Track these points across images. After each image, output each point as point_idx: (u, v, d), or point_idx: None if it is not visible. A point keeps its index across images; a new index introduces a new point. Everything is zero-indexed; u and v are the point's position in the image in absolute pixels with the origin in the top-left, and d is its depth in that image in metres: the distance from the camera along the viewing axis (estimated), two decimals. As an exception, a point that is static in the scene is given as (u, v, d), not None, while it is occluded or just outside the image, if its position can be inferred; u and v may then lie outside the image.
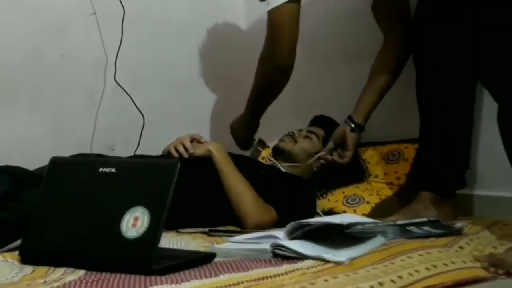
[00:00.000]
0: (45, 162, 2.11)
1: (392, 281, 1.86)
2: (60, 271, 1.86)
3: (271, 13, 2.79)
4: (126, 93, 3.29)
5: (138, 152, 3.20)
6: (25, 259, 1.98)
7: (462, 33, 2.53)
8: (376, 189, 2.99)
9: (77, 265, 1.88)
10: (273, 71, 2.90)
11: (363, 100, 2.98)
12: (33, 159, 2.45)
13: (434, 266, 1.99)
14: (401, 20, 2.92)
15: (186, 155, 2.74)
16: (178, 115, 3.54)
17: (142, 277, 1.75)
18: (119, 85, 3.28)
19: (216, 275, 1.82)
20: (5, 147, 2.93)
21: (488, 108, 2.78)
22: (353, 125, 2.97)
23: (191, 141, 2.80)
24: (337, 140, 3.02)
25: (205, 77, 3.68)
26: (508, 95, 2.38)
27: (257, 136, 3.34)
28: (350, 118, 2.98)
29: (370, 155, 3.16)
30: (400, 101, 3.12)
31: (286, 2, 2.75)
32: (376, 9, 2.98)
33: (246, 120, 3.18)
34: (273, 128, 3.17)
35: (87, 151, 3.17)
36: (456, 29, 2.56)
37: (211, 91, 3.71)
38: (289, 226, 2.15)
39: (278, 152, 3.07)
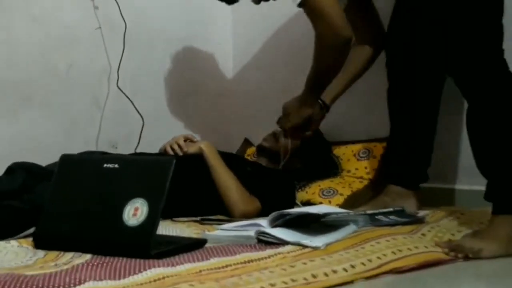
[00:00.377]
0: (56, 159, 2.12)
1: (363, 263, 1.86)
2: (69, 255, 1.87)
3: (308, 1, 2.56)
4: (128, 98, 3.29)
5: (138, 150, 3.20)
6: (38, 245, 1.98)
7: (433, 41, 2.49)
8: (349, 182, 2.99)
9: (84, 250, 1.88)
10: (341, 45, 2.62)
11: (333, 85, 2.92)
12: (45, 156, 2.44)
13: (400, 250, 1.99)
14: (372, 24, 2.91)
15: (180, 153, 2.73)
16: (173, 117, 3.53)
17: (142, 260, 1.75)
18: (121, 91, 3.27)
19: (207, 258, 1.82)
20: (21, 145, 2.94)
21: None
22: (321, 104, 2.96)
23: (185, 140, 2.80)
24: None
25: (196, 85, 3.66)
26: (474, 94, 2.32)
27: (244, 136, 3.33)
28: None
29: (343, 153, 3.15)
30: (370, 105, 3.13)
31: None
32: (349, 14, 2.94)
33: (309, 102, 2.90)
34: (258, 128, 3.16)
35: (93, 149, 3.15)
36: (427, 37, 2.52)
37: (203, 97, 3.69)
38: (272, 215, 2.15)
39: (261, 150, 3.07)
